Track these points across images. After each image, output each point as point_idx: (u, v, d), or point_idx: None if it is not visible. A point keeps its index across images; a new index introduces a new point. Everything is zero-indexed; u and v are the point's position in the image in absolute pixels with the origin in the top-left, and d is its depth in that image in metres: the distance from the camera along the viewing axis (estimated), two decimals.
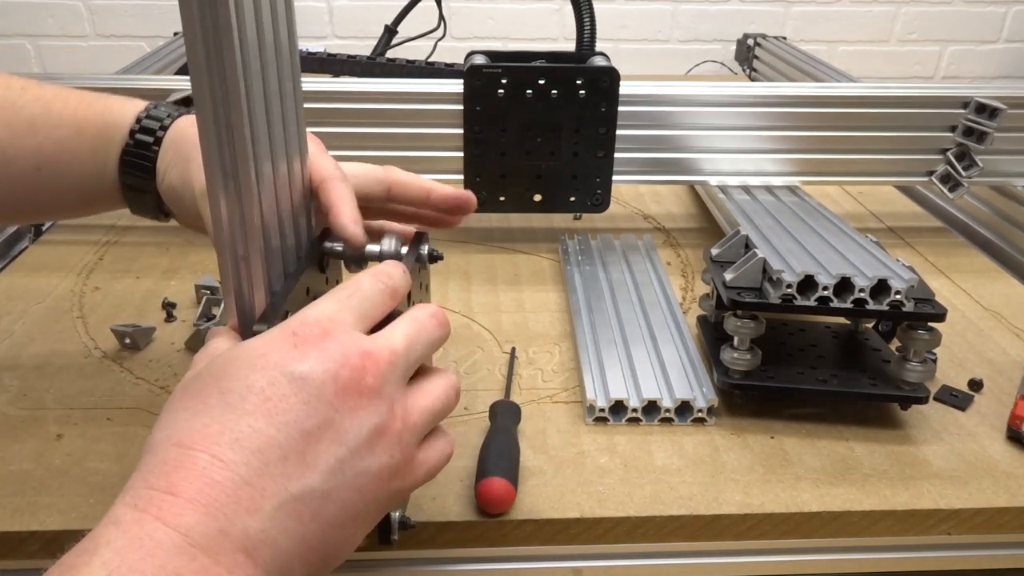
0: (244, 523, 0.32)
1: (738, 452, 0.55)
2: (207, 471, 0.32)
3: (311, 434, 0.34)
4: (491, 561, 0.51)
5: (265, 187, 0.39)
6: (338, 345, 0.36)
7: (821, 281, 0.55)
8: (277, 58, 0.40)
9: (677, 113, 0.81)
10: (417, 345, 0.39)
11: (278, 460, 0.33)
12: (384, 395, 0.36)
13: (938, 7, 1.89)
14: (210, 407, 0.34)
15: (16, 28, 1.81)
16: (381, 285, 0.39)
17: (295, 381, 0.34)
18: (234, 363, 0.35)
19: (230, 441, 0.33)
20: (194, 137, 0.46)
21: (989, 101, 0.80)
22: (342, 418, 0.35)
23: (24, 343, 0.66)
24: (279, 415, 0.34)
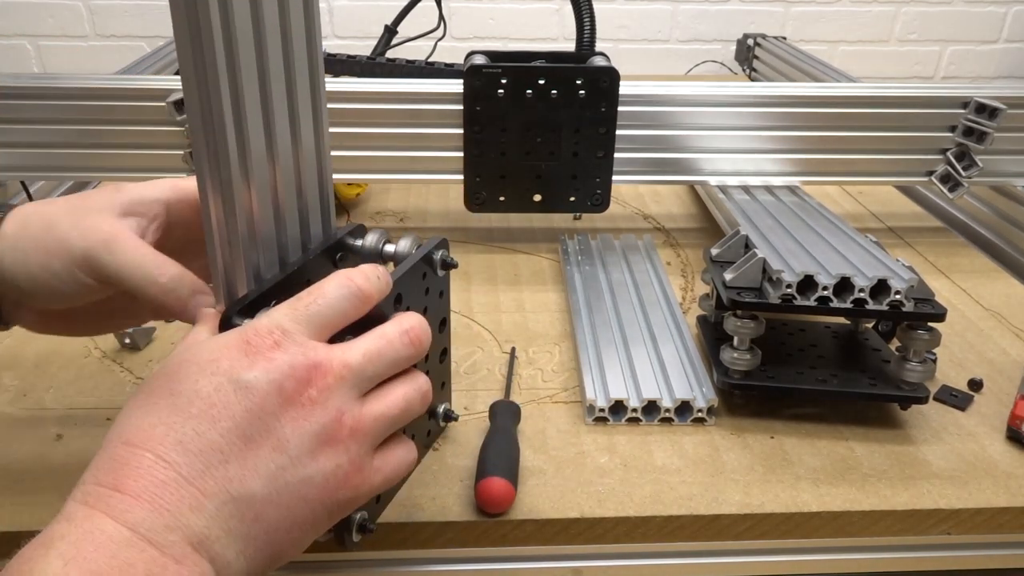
0: (188, 520, 0.33)
1: (738, 452, 0.55)
2: (151, 470, 0.33)
3: (252, 440, 0.35)
4: (491, 561, 0.51)
5: (256, 177, 0.40)
6: (287, 356, 0.36)
7: (821, 281, 0.55)
8: (286, 53, 0.39)
9: (677, 113, 0.81)
10: (377, 363, 0.39)
11: (219, 463, 0.34)
12: (329, 406, 0.37)
13: (938, 7, 1.89)
14: (159, 407, 0.35)
15: (16, 28, 1.81)
16: (346, 291, 0.39)
17: (240, 389, 0.35)
18: (186, 365, 0.36)
19: (174, 443, 0.34)
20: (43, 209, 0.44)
21: (989, 101, 0.80)
22: (283, 427, 0.36)
23: (24, 343, 0.66)
24: (222, 421, 0.35)
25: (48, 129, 0.80)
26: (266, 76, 0.39)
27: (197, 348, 0.37)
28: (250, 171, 0.39)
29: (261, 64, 0.39)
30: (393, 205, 0.97)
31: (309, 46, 0.41)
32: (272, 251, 0.43)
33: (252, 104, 0.39)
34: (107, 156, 0.81)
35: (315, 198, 0.45)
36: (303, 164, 0.43)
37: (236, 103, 0.38)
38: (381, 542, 0.49)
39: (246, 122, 0.39)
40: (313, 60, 0.42)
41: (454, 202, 0.97)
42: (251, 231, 0.41)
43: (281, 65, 0.40)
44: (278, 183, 0.42)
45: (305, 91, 0.42)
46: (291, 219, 0.43)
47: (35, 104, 0.79)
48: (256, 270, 0.42)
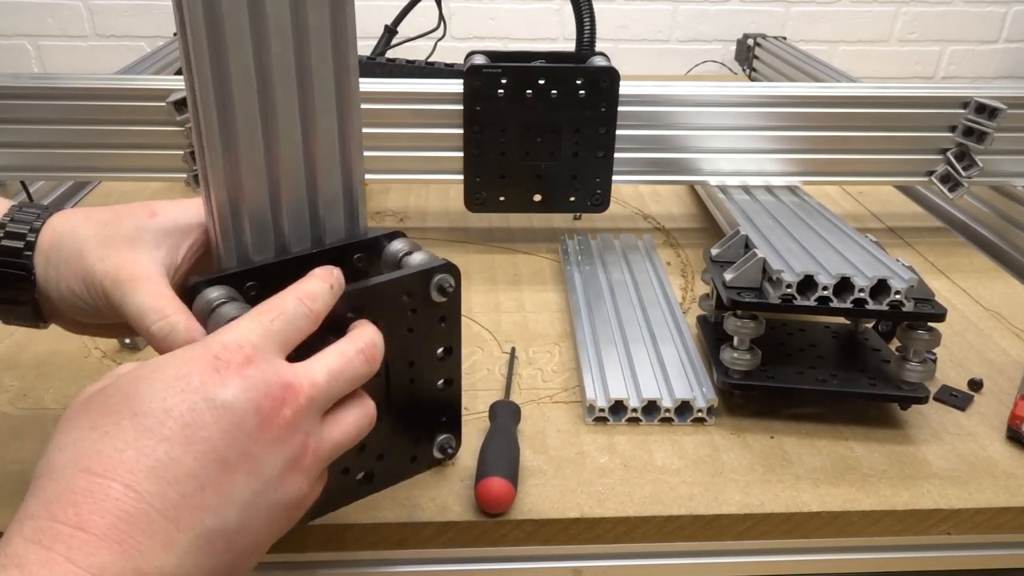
0: (161, 560, 0.30)
1: (738, 452, 0.55)
2: (120, 503, 0.30)
3: (229, 465, 0.33)
4: (491, 561, 0.51)
5: (248, 162, 0.41)
6: (261, 374, 0.35)
7: (821, 281, 0.55)
8: (299, 44, 0.40)
9: (677, 113, 0.81)
10: (339, 381, 0.38)
11: (195, 491, 0.32)
12: (300, 429, 0.36)
13: (938, 7, 1.89)
14: (122, 429, 0.32)
15: (16, 28, 1.81)
16: (305, 309, 0.38)
17: (216, 408, 0.33)
18: (148, 382, 0.33)
19: (145, 469, 0.31)
20: (77, 230, 0.44)
21: (989, 101, 0.80)
22: (260, 450, 0.34)
23: (24, 343, 0.66)
24: (197, 443, 0.32)
25: (48, 129, 0.80)
26: (269, 60, 0.39)
27: (157, 364, 0.34)
28: (235, 146, 0.40)
29: (262, 48, 0.39)
30: (393, 205, 0.97)
31: (335, 34, 0.40)
32: (265, 235, 0.43)
33: (241, 75, 0.39)
34: (107, 156, 0.81)
35: (335, 193, 0.44)
36: (318, 154, 0.43)
37: (223, 84, 0.39)
38: (381, 542, 0.49)
39: (231, 85, 0.39)
40: (340, 47, 0.41)
41: (454, 202, 0.97)
42: (236, 208, 0.42)
43: (291, 49, 0.39)
44: (276, 166, 0.42)
45: (326, 83, 0.41)
46: (294, 208, 0.43)
47: (35, 104, 0.79)
48: (244, 250, 0.43)
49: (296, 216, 0.44)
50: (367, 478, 0.48)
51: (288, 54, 0.40)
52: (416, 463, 0.51)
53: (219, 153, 0.40)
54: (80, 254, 0.43)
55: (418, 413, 0.49)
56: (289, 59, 0.40)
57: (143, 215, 0.44)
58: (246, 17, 0.38)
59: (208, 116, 0.40)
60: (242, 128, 0.40)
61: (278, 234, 0.44)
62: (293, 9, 0.39)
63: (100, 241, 0.43)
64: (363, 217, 0.46)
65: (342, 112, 0.42)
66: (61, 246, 0.44)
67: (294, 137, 0.42)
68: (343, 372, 0.38)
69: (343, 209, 0.45)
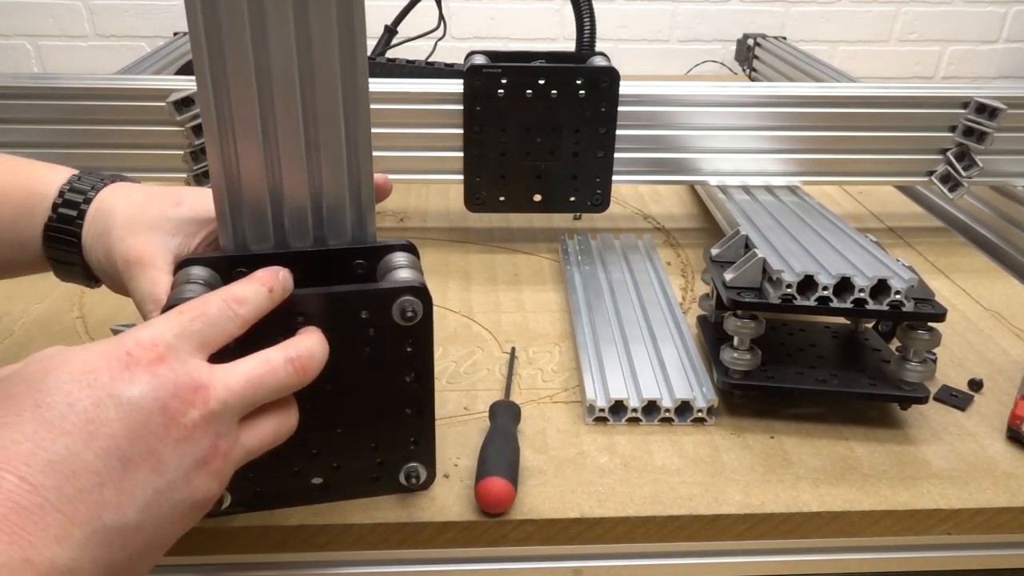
0: (52, 552, 0.30)
1: (738, 452, 0.55)
2: (13, 494, 0.30)
3: (131, 462, 0.33)
4: (491, 561, 0.51)
5: (246, 152, 0.41)
6: (171, 373, 0.34)
7: (821, 281, 0.55)
8: (302, 46, 0.40)
9: (677, 113, 0.81)
10: (258, 389, 0.37)
11: (94, 487, 0.32)
12: (209, 431, 0.35)
13: (938, 7, 1.89)
14: (23, 421, 0.32)
15: (16, 28, 1.81)
16: (230, 313, 0.38)
17: (122, 405, 0.33)
18: (55, 375, 0.33)
19: (42, 463, 0.31)
20: (115, 207, 0.47)
21: (989, 101, 0.80)
22: (164, 448, 0.34)
23: (24, 343, 0.66)
24: (100, 439, 0.32)
25: (48, 129, 0.80)
26: (269, 54, 0.39)
27: (67, 356, 0.34)
28: (233, 134, 0.41)
29: (260, 41, 0.39)
30: (393, 205, 0.97)
31: (344, 35, 0.40)
32: (263, 227, 0.44)
33: (239, 67, 0.39)
34: (107, 156, 0.81)
35: (339, 196, 0.44)
36: (323, 157, 0.43)
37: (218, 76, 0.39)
38: (381, 542, 0.49)
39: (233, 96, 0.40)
40: (350, 49, 0.41)
41: (454, 202, 0.97)
42: (234, 194, 0.42)
43: (291, 44, 0.40)
44: (277, 161, 0.42)
45: (331, 85, 0.41)
46: (295, 205, 0.44)
47: (35, 104, 0.79)
48: (241, 237, 0.44)
49: (297, 213, 0.44)
50: (324, 485, 0.48)
51: (290, 52, 0.40)
52: (379, 483, 0.49)
53: (217, 138, 0.41)
54: (108, 230, 0.47)
55: (381, 434, 0.47)
56: (291, 58, 0.40)
57: (169, 203, 0.47)
58: (245, 12, 0.38)
59: (205, 103, 0.40)
60: (238, 116, 0.41)
61: (277, 227, 0.44)
62: (296, 9, 0.39)
63: (126, 221, 0.46)
64: (371, 223, 0.46)
65: (349, 119, 0.42)
66: (97, 219, 0.47)
67: (296, 137, 0.42)
68: (263, 379, 0.37)
69: (349, 213, 0.45)
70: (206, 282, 0.43)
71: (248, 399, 0.37)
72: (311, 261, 0.45)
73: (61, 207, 0.48)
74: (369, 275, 0.46)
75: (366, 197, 0.45)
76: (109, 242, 0.46)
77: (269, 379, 0.38)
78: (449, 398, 0.60)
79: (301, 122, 0.42)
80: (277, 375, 0.38)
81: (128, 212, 0.47)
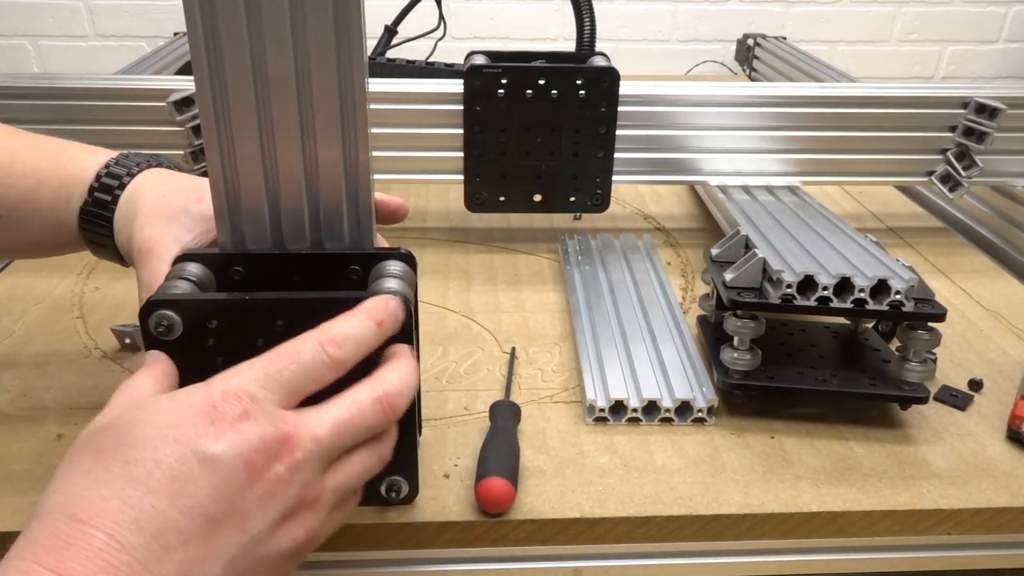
0: None
1: (738, 452, 0.55)
2: (102, 553, 0.30)
3: (215, 520, 0.33)
4: (491, 561, 0.51)
5: (244, 151, 0.42)
6: (257, 428, 0.34)
7: (821, 281, 0.55)
8: (297, 41, 0.40)
9: (677, 113, 0.81)
10: (346, 435, 0.37)
11: (179, 545, 0.32)
12: (294, 482, 0.35)
13: (938, 7, 1.89)
14: (111, 477, 0.32)
15: (16, 28, 1.81)
16: (324, 358, 0.36)
17: (206, 463, 0.33)
18: (142, 428, 0.33)
19: (129, 521, 0.31)
20: (143, 195, 0.48)
21: (989, 101, 0.80)
22: (249, 506, 0.34)
23: (24, 343, 0.66)
24: (184, 498, 0.32)
25: (48, 129, 0.79)
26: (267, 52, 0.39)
27: (154, 408, 0.34)
28: (230, 132, 0.41)
29: (262, 39, 0.39)
30: None
31: (347, 38, 0.40)
32: (260, 228, 0.44)
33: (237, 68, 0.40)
34: None
35: (336, 200, 0.44)
36: (320, 160, 0.43)
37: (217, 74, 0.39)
38: (381, 542, 0.49)
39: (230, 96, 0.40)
40: (352, 52, 0.41)
41: (454, 202, 0.97)
42: (232, 194, 0.43)
43: (288, 44, 0.40)
44: (272, 162, 0.42)
45: (328, 90, 0.41)
46: (292, 207, 0.44)
47: (35, 104, 0.79)
48: (240, 237, 0.44)
49: (294, 216, 0.44)
50: None
51: (287, 53, 0.40)
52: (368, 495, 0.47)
53: (215, 137, 0.41)
54: (133, 217, 0.48)
55: None
56: (288, 61, 0.40)
57: (192, 198, 0.48)
58: (243, 15, 0.38)
59: (204, 102, 0.41)
60: (235, 115, 0.41)
61: (274, 228, 0.44)
62: (293, 10, 0.39)
63: (149, 211, 0.47)
64: (370, 229, 0.45)
65: (347, 123, 0.42)
66: (125, 205, 0.49)
67: (293, 138, 0.42)
68: (351, 424, 0.37)
69: (346, 218, 0.45)
70: (198, 279, 0.43)
71: (335, 446, 0.37)
72: (306, 264, 0.45)
73: (97, 191, 0.49)
74: (362, 281, 0.45)
75: (364, 202, 0.44)
76: (131, 229, 0.47)
77: (357, 421, 0.37)
78: (449, 398, 0.60)
79: (298, 123, 0.42)
80: (365, 416, 0.37)
81: (153, 202, 0.48)
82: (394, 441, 0.40)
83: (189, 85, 0.79)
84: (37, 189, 0.49)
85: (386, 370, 0.39)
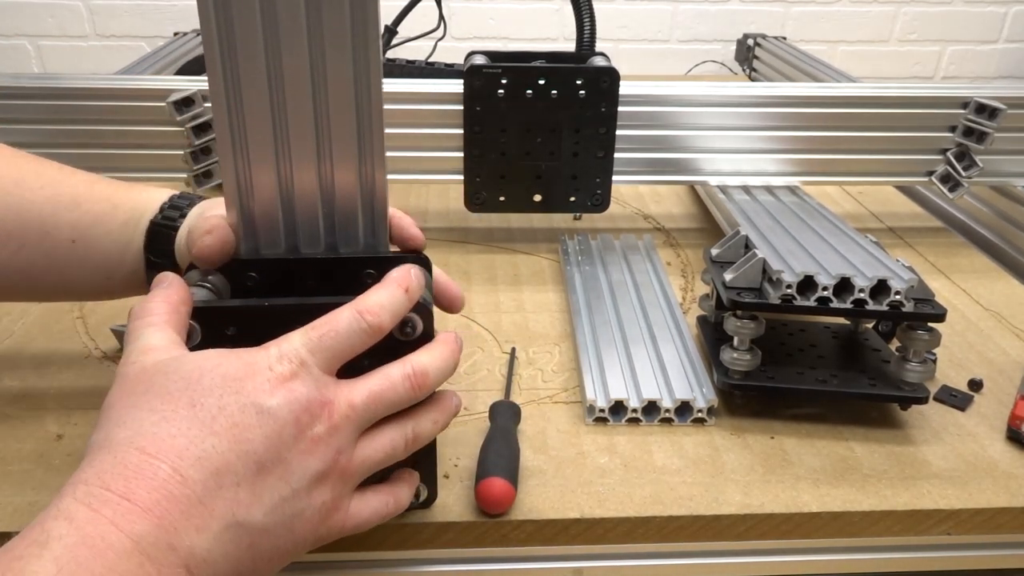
0: (192, 540, 0.33)
1: (738, 452, 0.55)
2: (167, 484, 0.33)
3: (264, 467, 0.36)
4: (491, 561, 0.51)
5: (259, 156, 0.41)
6: (304, 389, 0.37)
7: (821, 281, 0.55)
8: (312, 46, 0.40)
9: (677, 113, 0.81)
10: (379, 404, 0.39)
11: (232, 485, 0.35)
12: (332, 445, 0.38)
13: (938, 7, 1.89)
14: (179, 417, 0.35)
15: (16, 28, 1.81)
16: (363, 325, 0.39)
17: (262, 414, 0.36)
18: (209, 377, 0.36)
19: (193, 458, 0.34)
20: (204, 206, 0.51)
21: (989, 101, 0.80)
22: (292, 457, 0.36)
23: (24, 343, 0.66)
24: (241, 443, 0.35)
25: (48, 129, 0.80)
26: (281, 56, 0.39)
27: (217, 361, 0.37)
28: (245, 136, 0.41)
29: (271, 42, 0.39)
30: (393, 205, 0.96)
31: (362, 39, 0.40)
32: (274, 232, 0.44)
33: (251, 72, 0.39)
34: (107, 156, 0.81)
35: (351, 205, 0.44)
36: (337, 166, 0.43)
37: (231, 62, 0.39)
38: (381, 542, 0.49)
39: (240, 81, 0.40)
40: (367, 53, 0.41)
41: (454, 202, 0.97)
42: (246, 201, 0.42)
43: (304, 46, 0.39)
44: (287, 166, 0.42)
45: (344, 95, 0.41)
46: (305, 212, 0.43)
47: (35, 104, 0.79)
48: (253, 242, 0.44)
49: (308, 219, 0.44)
50: None
51: (303, 58, 0.40)
52: None
53: (229, 142, 0.41)
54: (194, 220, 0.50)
55: None
56: (304, 65, 0.40)
57: None
58: (258, 15, 0.38)
59: (218, 107, 0.40)
60: (250, 120, 0.41)
61: (289, 234, 0.44)
62: (309, 15, 0.39)
63: (210, 206, 0.50)
64: (384, 233, 0.45)
65: (363, 126, 0.42)
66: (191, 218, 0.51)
67: (308, 143, 0.42)
68: (383, 395, 0.40)
69: (361, 223, 0.45)
70: (213, 285, 0.43)
71: (368, 414, 0.39)
72: (321, 268, 0.45)
73: (168, 209, 0.52)
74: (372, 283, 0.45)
75: (379, 205, 0.44)
76: (192, 226, 0.48)
77: (389, 395, 0.40)
78: None
79: (313, 128, 0.41)
80: (396, 391, 0.40)
81: (197, 216, 0.50)
82: (413, 432, 0.42)
83: (189, 85, 0.79)
84: (111, 212, 0.51)
85: (415, 353, 0.41)
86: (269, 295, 0.44)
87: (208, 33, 0.39)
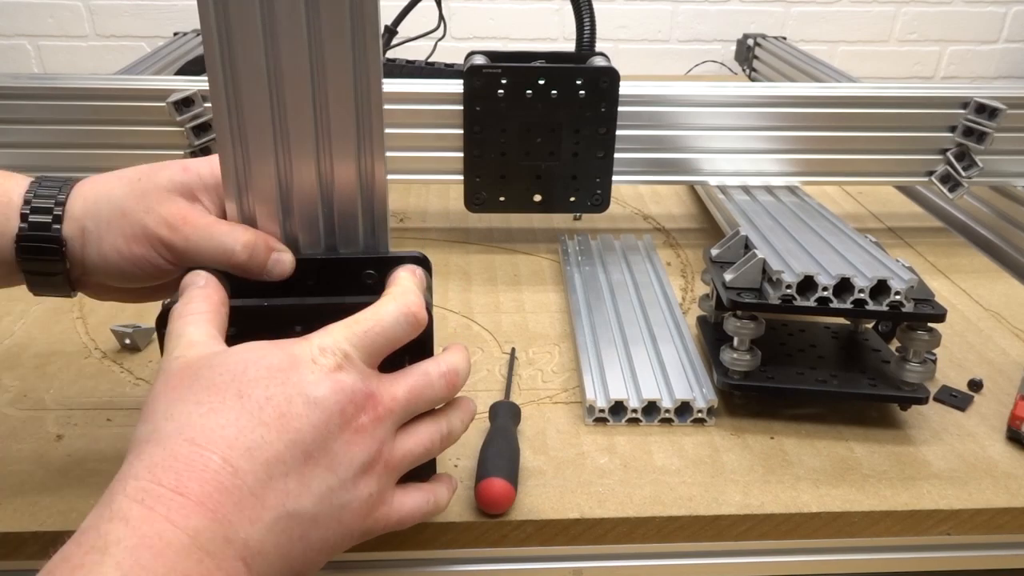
0: (246, 532, 0.33)
1: (738, 452, 0.55)
2: (218, 475, 0.33)
3: (312, 457, 0.36)
4: (491, 562, 0.51)
5: (258, 156, 0.41)
6: (349, 380, 0.37)
7: (821, 282, 0.55)
8: (312, 44, 0.40)
9: (677, 113, 0.81)
10: (419, 401, 0.40)
11: (281, 475, 0.34)
12: (375, 437, 0.38)
13: (938, 7, 1.89)
14: (228, 408, 0.35)
15: (16, 28, 1.81)
16: (403, 319, 0.40)
17: (310, 403, 0.36)
18: (255, 368, 0.36)
19: (243, 449, 0.34)
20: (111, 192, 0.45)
21: (989, 101, 0.80)
22: (338, 448, 0.37)
23: (24, 343, 0.66)
24: (289, 433, 0.35)
25: (48, 129, 0.80)
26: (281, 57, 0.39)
27: (263, 352, 0.37)
28: (244, 136, 0.41)
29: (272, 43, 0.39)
30: (393, 205, 0.97)
31: (361, 38, 0.40)
32: (274, 233, 0.44)
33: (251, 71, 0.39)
34: (107, 156, 0.81)
35: (351, 205, 0.44)
36: (337, 167, 0.43)
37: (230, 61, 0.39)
38: (381, 543, 0.49)
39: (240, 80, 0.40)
40: (366, 53, 0.41)
41: (454, 202, 0.97)
42: (245, 200, 0.43)
43: (305, 47, 0.39)
44: (286, 167, 0.42)
45: (344, 94, 0.41)
46: (305, 212, 0.44)
47: (35, 104, 0.79)
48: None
49: (308, 221, 0.44)
50: None
51: (303, 56, 0.40)
52: None
53: (229, 142, 0.41)
54: (122, 212, 0.44)
55: None
56: (304, 65, 0.40)
57: (176, 169, 0.45)
58: (258, 15, 0.38)
59: (218, 107, 0.40)
60: (249, 119, 0.41)
61: (289, 234, 0.44)
62: (308, 12, 0.39)
63: (138, 196, 0.44)
64: (384, 233, 0.45)
65: (362, 126, 0.42)
66: (99, 210, 0.45)
67: (308, 143, 0.42)
68: (422, 393, 0.40)
69: (361, 223, 0.45)
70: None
71: (409, 408, 0.40)
72: (321, 268, 0.45)
73: (31, 215, 0.44)
74: (378, 285, 0.45)
75: (379, 205, 0.44)
76: (131, 222, 0.44)
77: (427, 392, 0.41)
78: None
79: (313, 127, 0.41)
80: (434, 388, 0.41)
81: (133, 188, 0.45)
82: (454, 427, 0.43)
83: (189, 85, 0.79)
84: None
85: (447, 354, 0.43)
86: (268, 296, 0.44)
87: (208, 33, 0.39)
